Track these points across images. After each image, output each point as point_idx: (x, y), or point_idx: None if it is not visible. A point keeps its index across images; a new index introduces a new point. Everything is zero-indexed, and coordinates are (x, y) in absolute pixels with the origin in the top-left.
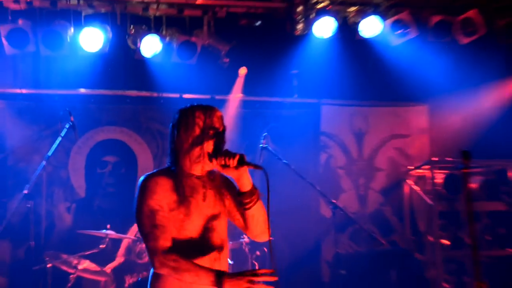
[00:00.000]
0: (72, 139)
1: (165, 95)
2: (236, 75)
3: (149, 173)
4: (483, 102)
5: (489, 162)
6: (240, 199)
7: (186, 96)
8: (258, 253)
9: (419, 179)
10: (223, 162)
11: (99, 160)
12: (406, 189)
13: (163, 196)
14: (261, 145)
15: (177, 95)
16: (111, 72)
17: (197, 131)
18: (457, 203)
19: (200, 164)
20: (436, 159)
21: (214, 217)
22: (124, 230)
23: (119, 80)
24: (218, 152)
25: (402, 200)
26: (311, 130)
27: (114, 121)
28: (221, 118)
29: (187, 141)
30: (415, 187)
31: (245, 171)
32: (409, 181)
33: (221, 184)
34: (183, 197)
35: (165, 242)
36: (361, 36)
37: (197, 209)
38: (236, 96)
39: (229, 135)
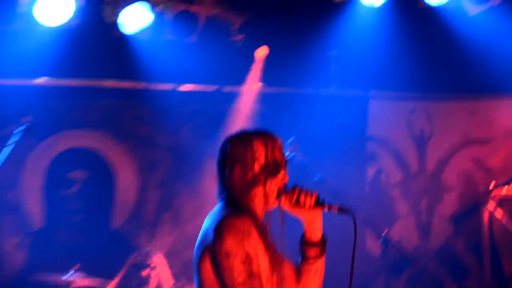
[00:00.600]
0: (26, 148)
1: (154, 86)
2: (252, 58)
3: (232, 212)
4: None
5: None
6: (305, 249)
7: (183, 88)
8: None
9: (505, 202)
10: (294, 199)
11: (63, 178)
12: (485, 216)
13: (257, 242)
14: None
15: (170, 87)
16: (80, 55)
17: (257, 168)
18: None
19: (260, 207)
20: None
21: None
22: (100, 273)
23: (91, 65)
24: (286, 187)
25: (481, 231)
26: (354, 133)
27: (84, 123)
28: (282, 149)
29: (244, 180)
30: (499, 213)
31: (319, 214)
32: (491, 205)
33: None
34: (267, 246)
35: None
36: (425, 3)
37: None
38: (252, 87)
39: None
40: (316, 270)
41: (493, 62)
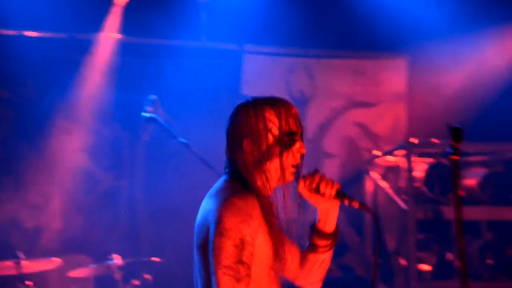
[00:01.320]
0: None
1: None
2: (110, 2)
3: (235, 191)
4: (492, 56)
5: (496, 147)
6: (316, 239)
7: (29, 33)
8: (136, 282)
9: (389, 171)
10: (314, 186)
11: None
12: (369, 186)
13: (258, 225)
14: (145, 114)
15: (14, 32)
16: None
17: (271, 139)
18: (445, 209)
19: (274, 182)
20: (416, 141)
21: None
22: None
23: None
24: (306, 171)
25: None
26: (226, 91)
27: None
28: (298, 117)
29: (258, 153)
30: (383, 183)
31: (337, 206)
32: (374, 174)
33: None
34: (271, 228)
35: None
36: None
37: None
38: (109, 36)
39: (97, 93)
40: (323, 261)
41: (381, 17)
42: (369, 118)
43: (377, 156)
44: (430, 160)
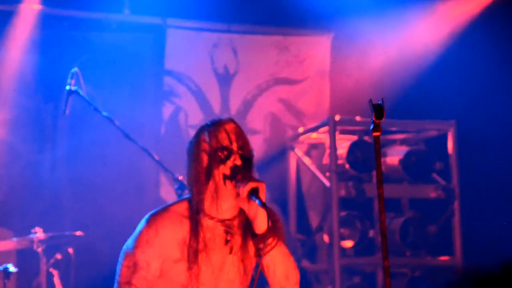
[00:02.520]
0: None
1: None
2: None
3: (168, 208)
4: (417, 32)
5: (420, 125)
6: (255, 242)
7: None
8: (58, 256)
9: (313, 148)
10: (234, 188)
11: None
12: (292, 163)
13: (171, 245)
14: (68, 87)
15: None
16: None
17: (205, 160)
18: (368, 186)
19: (222, 200)
20: (339, 117)
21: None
22: None
23: None
24: (235, 174)
25: (286, 179)
26: (149, 67)
27: None
28: (233, 132)
29: (194, 173)
30: (306, 160)
31: (257, 207)
32: (298, 151)
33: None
34: (197, 248)
35: None
36: None
37: (210, 265)
38: (30, 7)
39: (18, 66)
40: (268, 265)
41: None
42: (293, 94)
43: (301, 133)
44: (353, 137)
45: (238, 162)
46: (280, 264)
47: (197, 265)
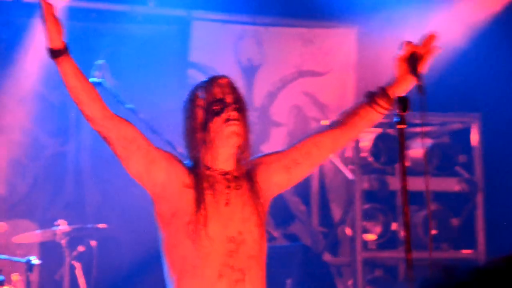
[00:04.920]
0: None
1: None
2: None
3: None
4: (442, 24)
5: (444, 118)
6: (380, 98)
7: None
8: (81, 248)
9: None
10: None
11: None
12: None
13: (176, 168)
14: (93, 79)
15: None
16: None
17: (200, 115)
18: (391, 179)
19: (217, 151)
20: None
21: (241, 226)
22: None
23: None
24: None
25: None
26: (174, 59)
27: None
28: (227, 86)
29: (192, 130)
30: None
31: (410, 80)
32: None
33: (253, 172)
34: (200, 195)
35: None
36: None
37: (216, 215)
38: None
39: (44, 57)
40: (370, 119)
41: None
42: (317, 87)
43: None
44: (377, 130)
45: (234, 114)
46: (367, 125)
47: (204, 200)
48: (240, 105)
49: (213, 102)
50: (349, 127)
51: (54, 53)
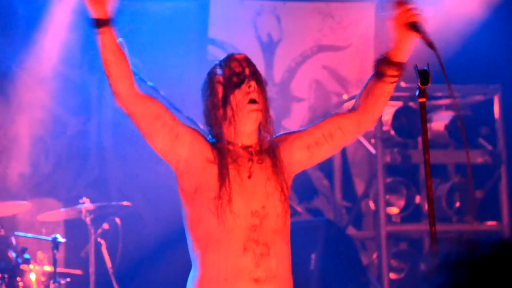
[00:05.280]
0: None
1: None
2: None
3: None
4: None
5: (465, 90)
6: (385, 67)
7: None
8: (106, 226)
9: None
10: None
11: None
12: None
13: (200, 144)
14: None
15: None
16: None
17: (220, 90)
18: (414, 152)
19: (241, 126)
20: None
21: (264, 200)
22: None
23: None
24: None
25: None
26: (193, 35)
27: None
28: (244, 60)
29: (213, 106)
30: None
31: (410, 39)
32: None
33: (275, 149)
34: (223, 171)
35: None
36: None
37: (240, 190)
38: None
39: (64, 36)
40: (388, 93)
41: None
42: (337, 61)
43: (346, 100)
44: (398, 103)
45: (253, 84)
46: (386, 100)
47: (227, 175)
48: (258, 77)
49: (232, 75)
50: (370, 110)
51: (96, 23)
